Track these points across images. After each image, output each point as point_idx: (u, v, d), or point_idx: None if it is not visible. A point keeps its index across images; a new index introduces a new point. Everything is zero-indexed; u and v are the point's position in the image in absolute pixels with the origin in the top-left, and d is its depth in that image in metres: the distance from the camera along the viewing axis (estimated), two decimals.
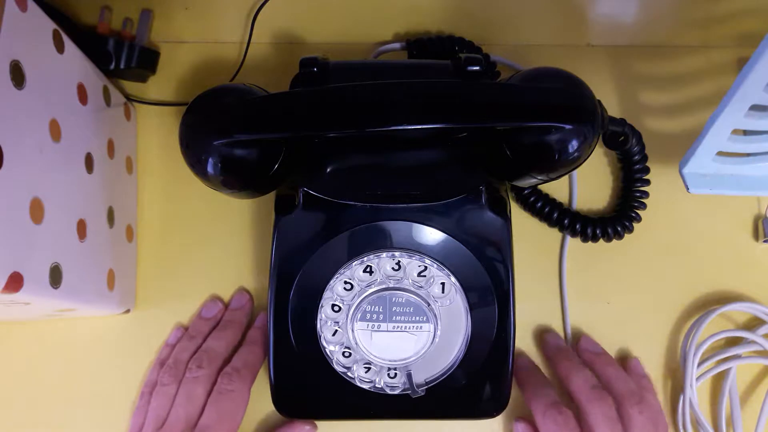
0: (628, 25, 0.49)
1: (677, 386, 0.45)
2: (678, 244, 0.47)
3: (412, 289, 0.37)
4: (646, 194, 0.45)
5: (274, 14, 0.48)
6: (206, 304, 0.46)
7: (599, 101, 0.37)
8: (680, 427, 0.43)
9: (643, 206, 0.45)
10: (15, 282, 0.30)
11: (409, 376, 0.37)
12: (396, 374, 0.38)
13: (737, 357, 0.44)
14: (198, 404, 0.39)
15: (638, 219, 0.45)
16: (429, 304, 0.36)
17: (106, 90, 0.44)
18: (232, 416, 0.40)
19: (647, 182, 0.45)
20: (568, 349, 0.45)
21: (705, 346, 0.43)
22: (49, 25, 0.36)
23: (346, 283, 0.37)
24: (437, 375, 0.38)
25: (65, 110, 0.37)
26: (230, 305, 0.46)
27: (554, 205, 0.46)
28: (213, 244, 0.47)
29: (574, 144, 0.35)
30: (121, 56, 0.46)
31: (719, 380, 0.44)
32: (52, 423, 0.44)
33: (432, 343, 0.37)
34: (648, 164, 0.45)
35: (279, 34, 0.50)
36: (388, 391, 0.38)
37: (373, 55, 0.49)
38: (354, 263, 0.37)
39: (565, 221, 0.45)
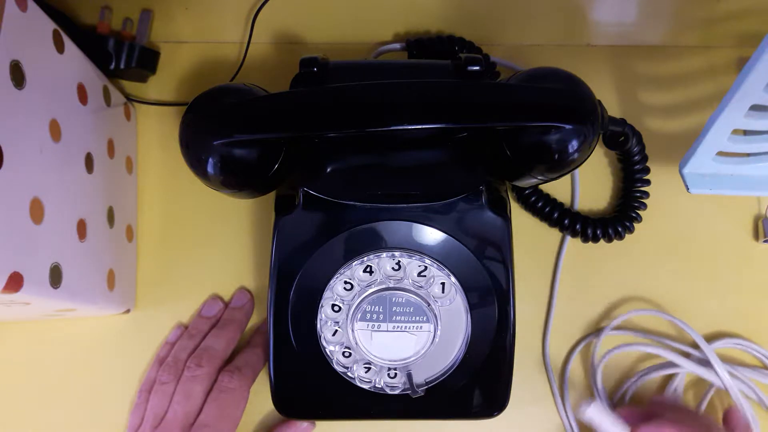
0: (628, 25, 0.49)
1: None
2: (678, 244, 0.47)
3: (412, 289, 0.37)
4: (646, 194, 0.45)
5: (274, 14, 0.47)
6: (207, 303, 0.46)
7: (599, 101, 0.37)
8: None
9: (644, 206, 0.45)
10: (15, 282, 0.30)
11: (409, 376, 0.37)
12: (396, 374, 0.38)
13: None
14: (196, 402, 0.39)
15: (639, 219, 0.45)
16: (429, 304, 0.36)
17: (106, 90, 0.44)
18: (231, 414, 0.40)
19: (647, 182, 0.45)
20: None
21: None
22: (49, 25, 0.36)
23: (346, 283, 0.37)
24: (437, 375, 0.38)
25: (65, 110, 0.37)
26: (230, 304, 0.46)
27: (555, 205, 0.46)
28: (213, 244, 0.47)
29: (574, 144, 0.35)
30: (121, 56, 0.46)
31: None
32: (52, 422, 0.44)
33: (432, 343, 0.37)
34: (648, 164, 0.45)
35: (279, 34, 0.50)
36: (388, 391, 0.38)
37: (373, 55, 0.49)
38: (354, 263, 0.37)
39: (566, 221, 0.45)
